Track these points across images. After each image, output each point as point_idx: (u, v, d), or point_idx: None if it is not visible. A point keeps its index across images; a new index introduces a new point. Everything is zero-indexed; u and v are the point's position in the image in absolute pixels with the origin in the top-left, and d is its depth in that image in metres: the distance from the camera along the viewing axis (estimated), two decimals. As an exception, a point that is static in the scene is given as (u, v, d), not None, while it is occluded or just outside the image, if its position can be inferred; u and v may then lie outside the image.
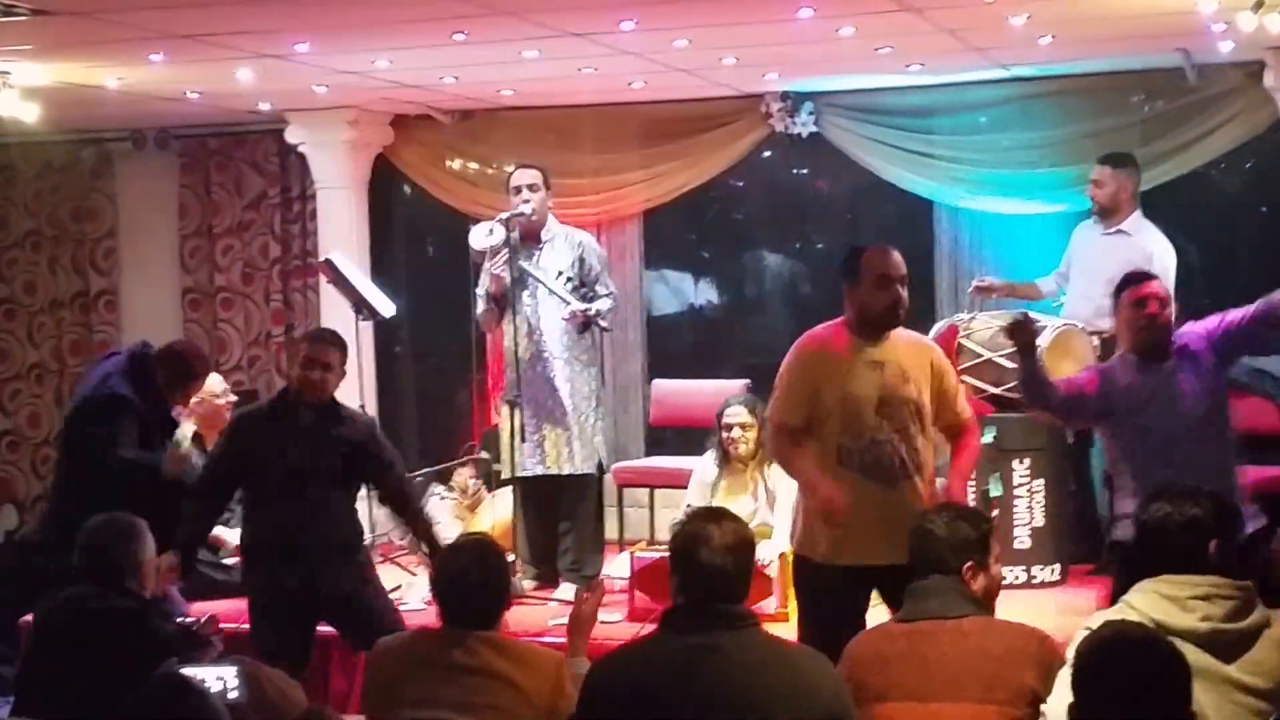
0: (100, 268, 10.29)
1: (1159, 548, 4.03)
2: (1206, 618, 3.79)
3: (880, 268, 5.29)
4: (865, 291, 5.29)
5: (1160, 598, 3.86)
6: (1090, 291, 7.89)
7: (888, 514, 5.17)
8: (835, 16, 6.66)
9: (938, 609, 4.14)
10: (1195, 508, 4.03)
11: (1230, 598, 3.84)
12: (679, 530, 4.06)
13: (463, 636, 4.25)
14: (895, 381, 5.30)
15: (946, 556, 4.24)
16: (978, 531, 4.31)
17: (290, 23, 6.73)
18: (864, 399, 5.27)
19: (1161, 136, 8.48)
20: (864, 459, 5.27)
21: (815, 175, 9.78)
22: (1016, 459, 7.59)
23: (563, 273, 7.68)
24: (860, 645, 4.24)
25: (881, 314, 5.29)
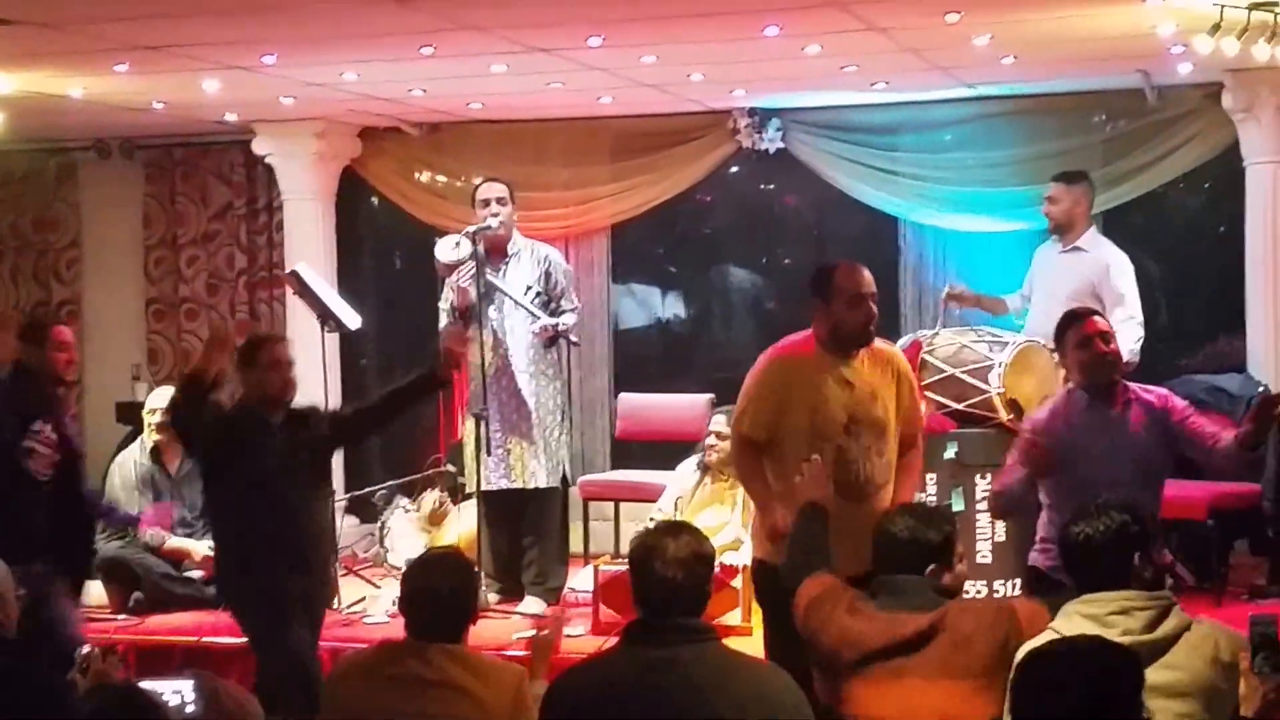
0: (63, 278, 10.26)
1: (1084, 566, 4.07)
2: (1126, 631, 3.83)
3: (854, 286, 5.29)
4: (838, 310, 5.29)
5: (1082, 618, 3.91)
6: (1050, 309, 7.87)
7: (855, 528, 5.09)
8: (801, 35, 6.71)
9: (914, 604, 4.18)
10: (1114, 522, 4.07)
11: (1146, 609, 3.90)
12: (635, 543, 4.07)
13: (425, 649, 4.23)
14: (865, 401, 5.32)
15: (913, 559, 4.28)
16: (940, 535, 4.33)
17: (257, 35, 6.72)
18: (833, 418, 5.28)
19: (1122, 156, 8.57)
20: (833, 476, 5.22)
21: (782, 191, 9.82)
22: (979, 474, 7.60)
23: (530, 287, 7.71)
24: (834, 626, 4.27)
25: (855, 332, 5.30)
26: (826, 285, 5.32)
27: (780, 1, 6.04)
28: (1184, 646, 3.86)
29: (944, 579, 4.28)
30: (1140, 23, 6.44)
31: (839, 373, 5.31)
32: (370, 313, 9.61)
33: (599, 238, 9.53)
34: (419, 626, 4.30)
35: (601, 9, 6.27)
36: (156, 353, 10.07)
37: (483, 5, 6.20)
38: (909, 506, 4.75)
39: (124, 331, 9.99)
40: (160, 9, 6.17)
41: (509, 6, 6.20)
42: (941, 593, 4.26)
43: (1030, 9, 6.36)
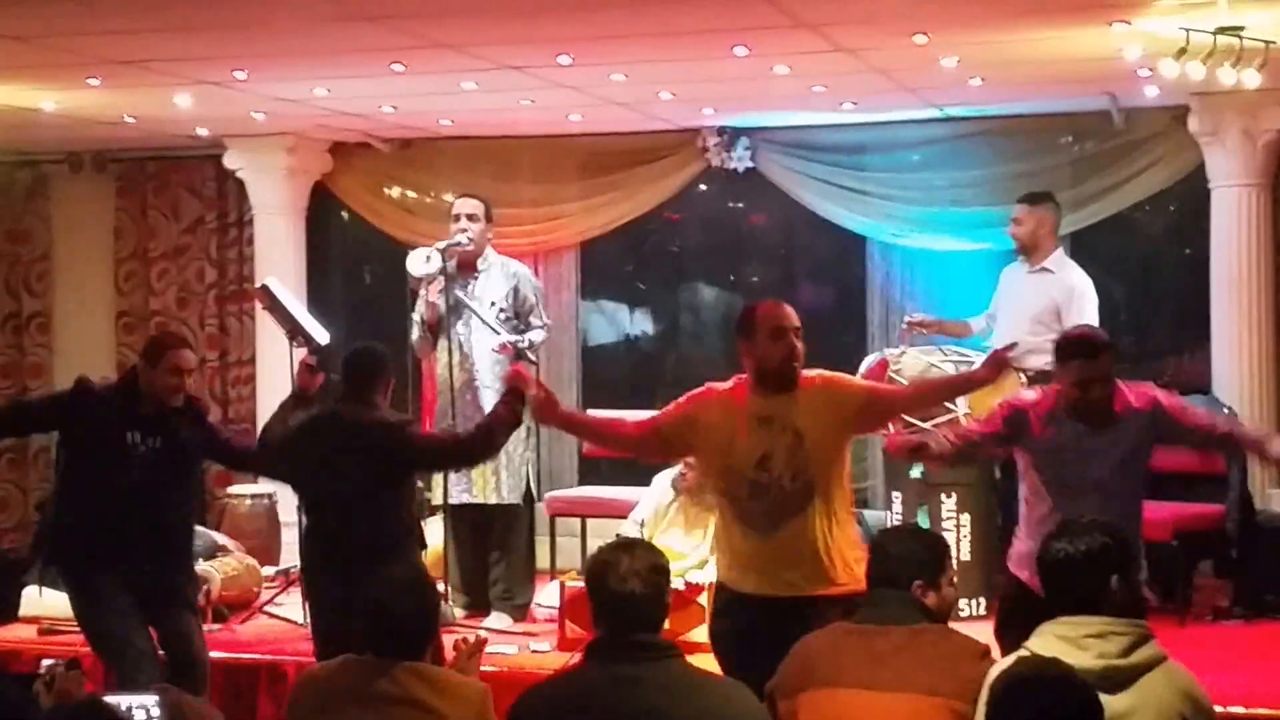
0: (33, 289, 10.24)
1: (1060, 586, 4.06)
2: (1101, 655, 3.82)
3: (774, 320, 5.17)
4: (762, 345, 5.16)
5: (1057, 639, 3.90)
6: (1015, 329, 7.97)
7: (767, 556, 5.12)
8: (770, 56, 6.75)
9: (893, 616, 4.18)
10: (1094, 544, 4.05)
11: (1123, 634, 3.88)
12: (590, 561, 4.10)
13: (388, 666, 4.21)
14: (781, 441, 5.13)
15: (896, 573, 4.27)
16: (929, 552, 4.33)
17: (229, 50, 6.75)
18: (744, 460, 5.16)
19: (1090, 178, 8.63)
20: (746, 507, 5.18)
21: (751, 209, 9.85)
22: (944, 493, 7.67)
23: (495, 303, 7.73)
24: (815, 638, 4.28)
25: (778, 366, 5.15)
26: (749, 321, 5.22)
27: (749, 22, 6.07)
28: (1160, 674, 3.84)
29: (929, 599, 4.29)
30: (1107, 46, 6.50)
31: (759, 408, 5.15)
32: (339, 328, 9.58)
33: (568, 254, 9.55)
34: (380, 645, 4.27)
35: (572, 27, 6.30)
36: (126, 365, 9.97)
37: (454, 23, 6.23)
38: (904, 526, 4.77)
39: (94, 344, 9.97)
40: (132, 25, 6.19)
41: (480, 24, 6.24)
42: (926, 614, 4.27)
43: (998, 31, 6.41)
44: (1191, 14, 5.89)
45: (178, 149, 9.72)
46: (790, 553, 5.09)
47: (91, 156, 9.96)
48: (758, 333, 5.18)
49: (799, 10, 5.87)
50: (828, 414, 5.14)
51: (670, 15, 6.06)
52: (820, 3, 5.73)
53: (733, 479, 5.15)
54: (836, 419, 5.16)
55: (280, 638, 7.51)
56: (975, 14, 6.04)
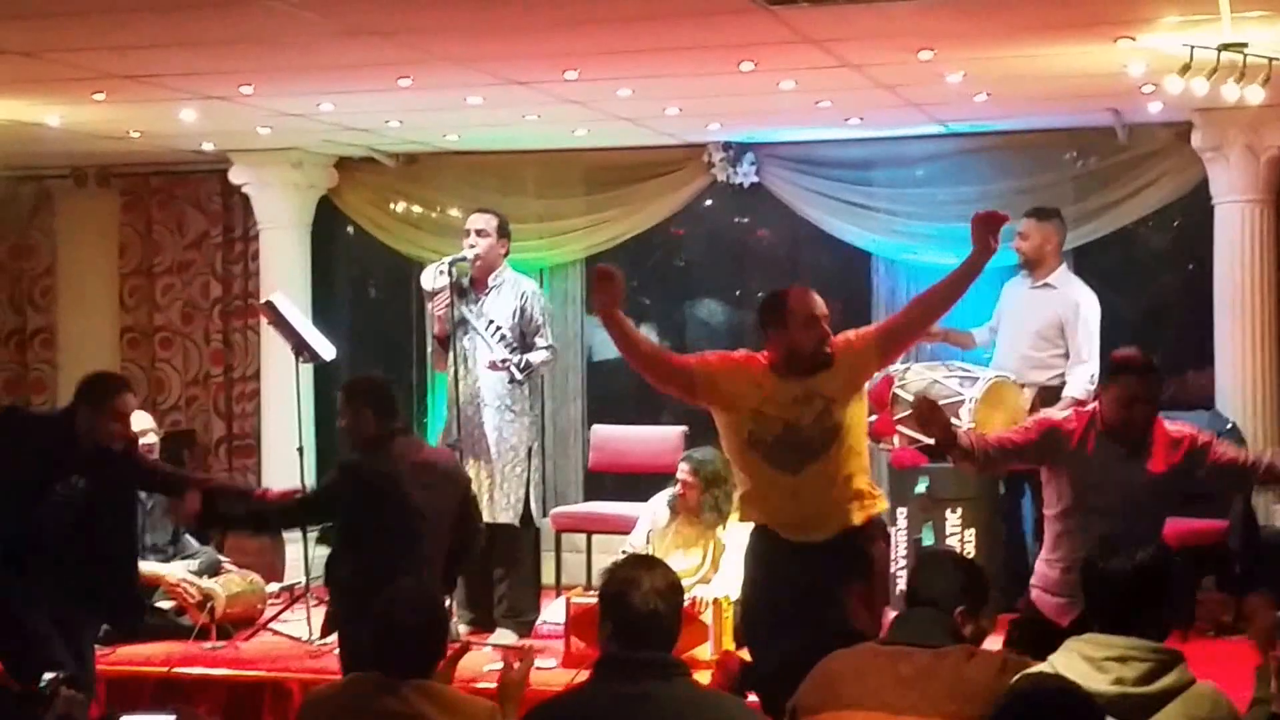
0: (38, 305, 10.22)
1: (1101, 600, 4.05)
2: (1118, 680, 3.79)
3: (806, 309, 5.35)
4: (794, 332, 5.32)
5: (1080, 658, 3.87)
6: (1017, 344, 7.99)
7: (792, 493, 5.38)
8: (776, 71, 6.75)
9: (918, 636, 4.14)
10: (1141, 564, 4.04)
11: (1145, 660, 3.84)
12: (609, 576, 4.05)
13: (396, 684, 4.20)
14: (810, 409, 5.32)
15: (941, 595, 4.24)
16: (976, 583, 4.32)
17: (235, 65, 6.73)
18: (770, 427, 5.34)
19: (1093, 193, 8.64)
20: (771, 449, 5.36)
21: (756, 224, 9.83)
22: (949, 508, 7.67)
23: (494, 321, 7.71)
24: (837, 659, 4.24)
25: (812, 354, 5.32)
26: (780, 310, 5.37)
27: (755, 37, 6.07)
28: (1179, 705, 3.79)
29: (967, 629, 4.27)
30: (1111, 62, 6.50)
31: (790, 388, 5.32)
32: (345, 343, 9.59)
33: (573, 270, 9.54)
34: (388, 663, 4.27)
35: (578, 42, 6.29)
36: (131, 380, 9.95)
37: (460, 38, 6.22)
38: (951, 552, 4.78)
39: (98, 360, 9.87)
40: (137, 40, 6.19)
41: (486, 39, 6.23)
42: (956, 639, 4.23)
43: (1003, 47, 6.42)
44: (1195, 30, 5.89)
45: (183, 164, 9.71)
46: (820, 487, 5.33)
47: (96, 171, 9.93)
48: (791, 321, 5.34)
49: (804, 26, 5.87)
50: (853, 376, 5.40)
51: (676, 30, 6.06)
52: (826, 18, 5.72)
53: (757, 437, 5.35)
54: (861, 375, 5.46)
55: (285, 655, 7.49)
56: (981, 30, 6.04)
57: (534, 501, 7.87)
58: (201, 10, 5.69)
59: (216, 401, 9.93)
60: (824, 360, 5.33)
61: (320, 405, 9.55)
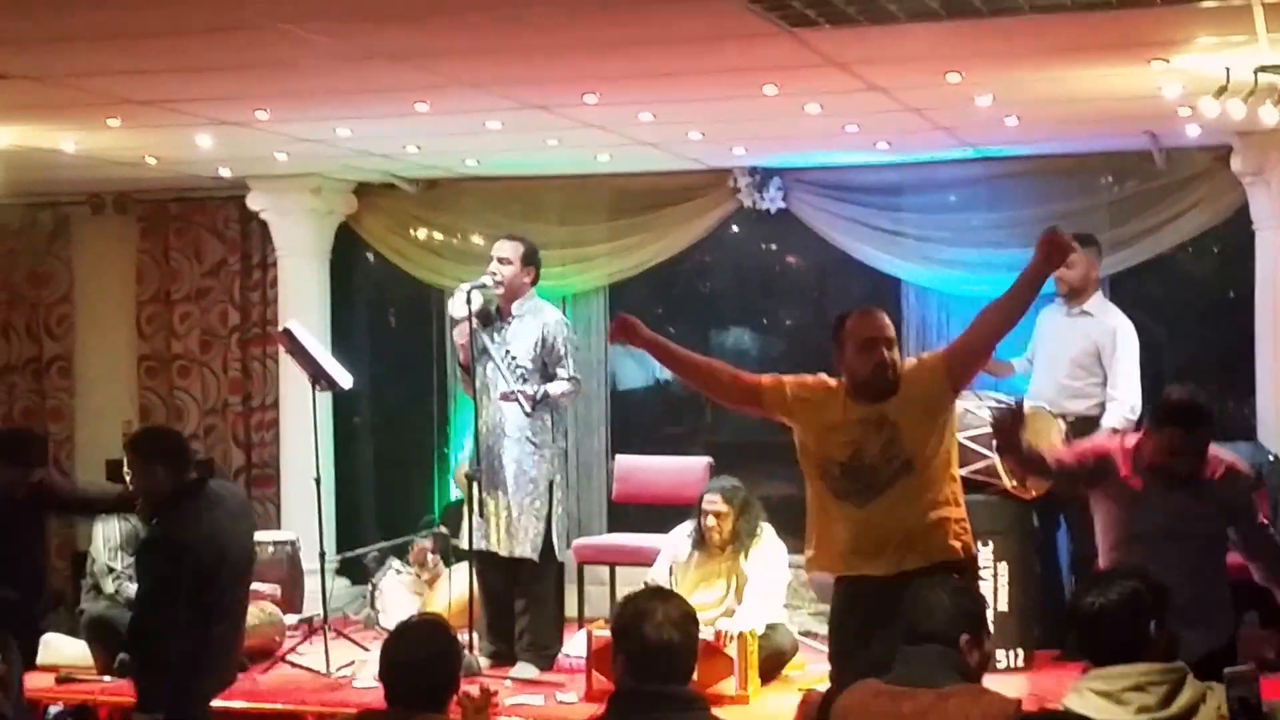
0: (54, 333, 10.18)
1: (1096, 638, 3.98)
2: (1142, 709, 3.75)
3: (863, 332, 5.19)
4: (850, 357, 5.20)
5: (1095, 695, 3.82)
6: (1055, 373, 7.87)
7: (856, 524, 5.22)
8: (800, 94, 6.62)
9: (923, 676, 4.07)
10: (1126, 591, 3.97)
11: (1161, 683, 3.80)
12: (622, 608, 4.00)
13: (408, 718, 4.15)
14: (877, 436, 5.17)
15: (944, 627, 4.17)
16: (975, 605, 4.28)
17: (249, 90, 6.66)
18: (837, 452, 5.22)
19: (1130, 219, 8.48)
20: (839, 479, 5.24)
21: (783, 251, 9.72)
22: (980, 541, 7.43)
23: (510, 350, 7.59)
24: (844, 699, 4.19)
25: (869, 379, 5.17)
26: (839, 334, 5.27)
27: (777, 60, 5.94)
28: (1208, 712, 3.78)
29: (973, 656, 4.16)
30: (1145, 85, 6.35)
31: (859, 412, 5.19)
32: (364, 370, 9.54)
33: (597, 296, 9.42)
34: (398, 695, 4.21)
35: (597, 65, 6.18)
36: (148, 409, 9.98)
37: (477, 61, 6.12)
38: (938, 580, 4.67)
39: (116, 388, 9.91)
40: (151, 64, 6.10)
41: (503, 62, 6.12)
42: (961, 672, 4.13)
43: (1032, 69, 6.27)
44: (1231, 52, 5.75)
45: (200, 190, 9.65)
46: (889, 523, 5.13)
47: (114, 198, 9.89)
48: (846, 345, 5.23)
49: (827, 48, 5.74)
50: (923, 400, 5.18)
51: (696, 53, 5.94)
52: (848, 40, 5.58)
53: (826, 464, 5.23)
54: (933, 400, 5.20)
55: (302, 687, 7.42)
56: (1008, 51, 5.90)
57: (556, 535, 7.71)
58: (214, 34, 5.60)
59: (235, 430, 9.86)
60: (886, 385, 5.16)
61: (340, 434, 9.49)
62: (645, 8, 5.22)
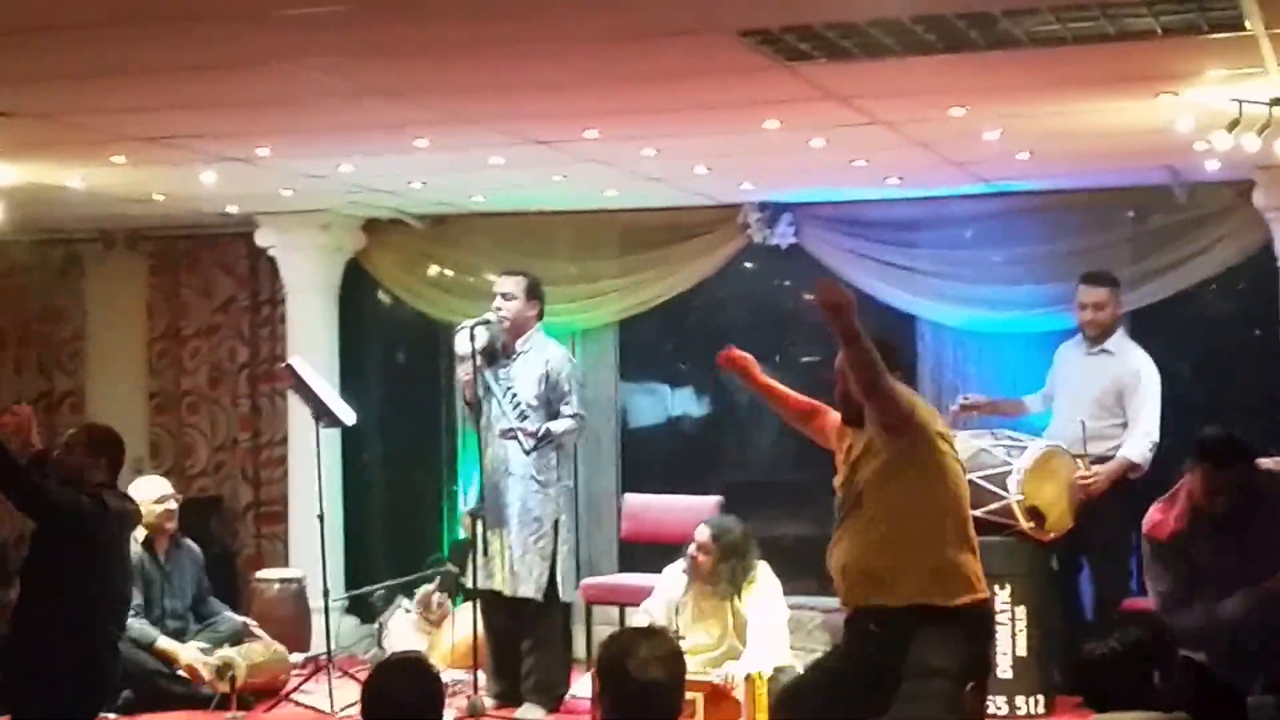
0: (66, 368, 10.15)
1: (1100, 684, 3.97)
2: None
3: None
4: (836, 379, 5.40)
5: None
6: (1075, 413, 7.73)
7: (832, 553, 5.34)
8: (803, 128, 6.50)
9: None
10: (1131, 639, 3.97)
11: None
12: (605, 647, 3.92)
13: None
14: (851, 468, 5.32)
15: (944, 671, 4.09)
16: (982, 653, 4.20)
17: (250, 126, 6.58)
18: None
19: (1151, 255, 8.33)
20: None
21: (796, 287, 9.57)
22: (997, 585, 7.35)
23: (511, 388, 7.52)
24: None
25: (842, 401, 5.36)
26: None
27: (776, 94, 5.82)
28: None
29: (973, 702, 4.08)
30: (1157, 118, 6.20)
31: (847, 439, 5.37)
32: (373, 407, 9.47)
33: (607, 333, 9.32)
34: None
35: (594, 100, 6.08)
36: (158, 445, 9.95)
37: (473, 97, 6.02)
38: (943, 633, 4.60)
39: (126, 424, 9.65)
40: (151, 101, 6.05)
41: (499, 98, 6.02)
42: None
43: (1036, 103, 6.13)
44: (1243, 84, 5.60)
45: (210, 227, 9.61)
46: (845, 553, 5.25)
47: (124, 235, 9.87)
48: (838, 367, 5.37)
49: (826, 82, 5.62)
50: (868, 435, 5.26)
51: (694, 88, 5.83)
52: (847, 74, 5.46)
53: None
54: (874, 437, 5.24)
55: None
56: (1010, 85, 5.77)
57: (561, 575, 7.62)
58: (213, 71, 5.53)
59: (244, 467, 9.81)
60: (847, 414, 5.34)
61: (349, 472, 9.42)
62: (638, 43, 5.12)
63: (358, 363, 9.76)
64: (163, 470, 9.55)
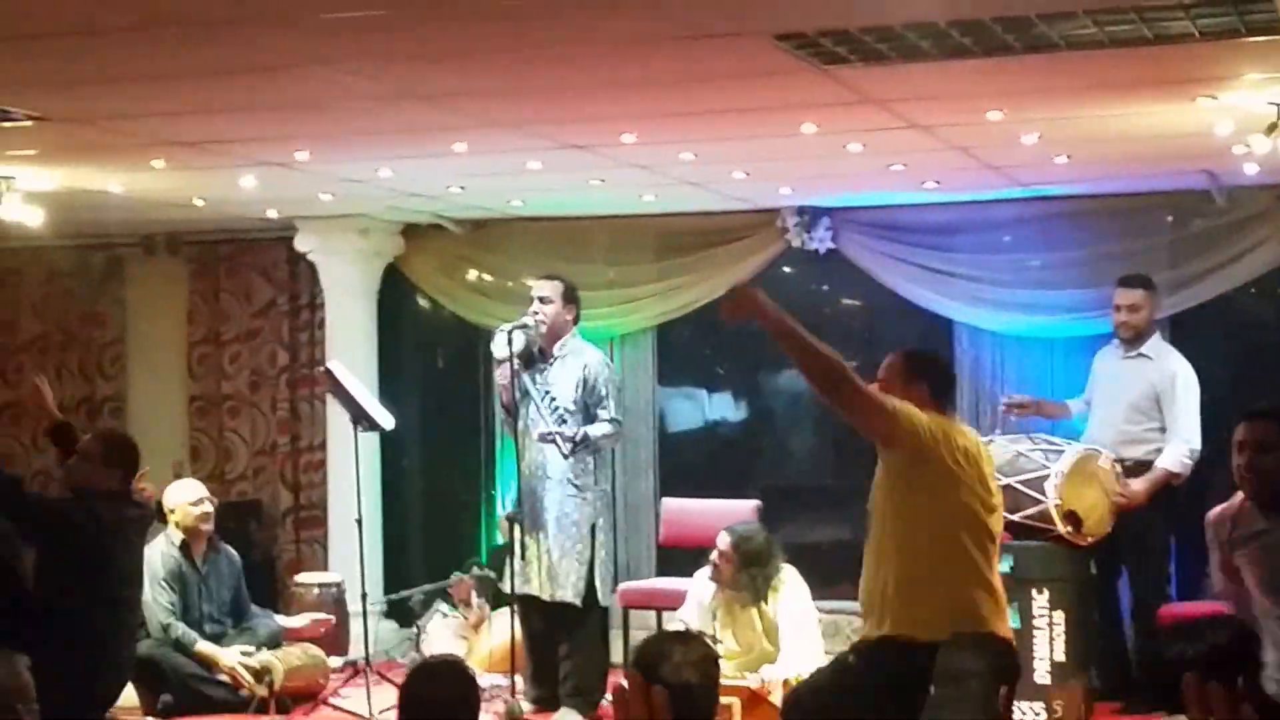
0: (107, 373, 10.20)
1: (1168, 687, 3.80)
2: None
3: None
4: None
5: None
6: (1112, 417, 7.71)
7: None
8: (840, 132, 6.48)
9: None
10: (1212, 644, 3.86)
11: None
12: (639, 651, 3.84)
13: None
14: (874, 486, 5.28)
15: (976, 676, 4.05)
16: (1014, 657, 4.11)
17: (289, 131, 6.60)
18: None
19: (1190, 259, 8.30)
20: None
21: (834, 291, 9.56)
22: (1035, 589, 7.37)
23: (549, 392, 7.52)
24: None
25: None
26: None
27: (812, 98, 5.81)
28: None
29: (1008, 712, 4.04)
30: (1195, 122, 6.17)
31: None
32: (412, 411, 9.48)
33: (645, 337, 9.32)
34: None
35: (631, 104, 6.08)
36: (198, 450, 9.98)
37: (509, 101, 6.03)
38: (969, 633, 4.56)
39: (166, 428, 9.91)
40: (189, 105, 6.05)
41: (537, 102, 6.04)
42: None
43: (1074, 107, 6.11)
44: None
45: (250, 231, 9.65)
46: (866, 580, 5.20)
47: (165, 239, 9.92)
48: None
49: (863, 85, 5.61)
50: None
51: (731, 92, 5.82)
52: (884, 78, 5.45)
53: None
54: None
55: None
56: (1048, 88, 5.74)
57: (599, 579, 7.61)
58: (252, 75, 5.54)
59: (284, 471, 9.83)
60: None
61: (388, 476, 9.44)
62: (676, 47, 5.11)
63: (396, 367, 9.77)
64: (202, 475, 9.57)
